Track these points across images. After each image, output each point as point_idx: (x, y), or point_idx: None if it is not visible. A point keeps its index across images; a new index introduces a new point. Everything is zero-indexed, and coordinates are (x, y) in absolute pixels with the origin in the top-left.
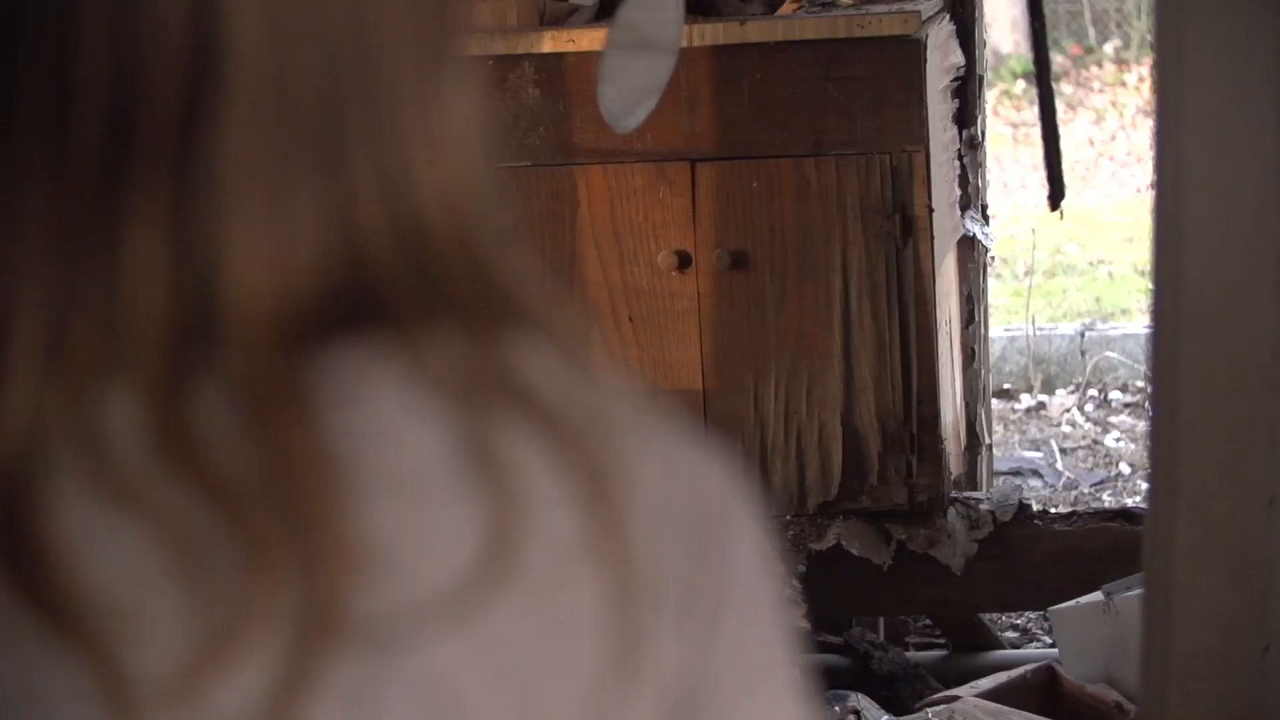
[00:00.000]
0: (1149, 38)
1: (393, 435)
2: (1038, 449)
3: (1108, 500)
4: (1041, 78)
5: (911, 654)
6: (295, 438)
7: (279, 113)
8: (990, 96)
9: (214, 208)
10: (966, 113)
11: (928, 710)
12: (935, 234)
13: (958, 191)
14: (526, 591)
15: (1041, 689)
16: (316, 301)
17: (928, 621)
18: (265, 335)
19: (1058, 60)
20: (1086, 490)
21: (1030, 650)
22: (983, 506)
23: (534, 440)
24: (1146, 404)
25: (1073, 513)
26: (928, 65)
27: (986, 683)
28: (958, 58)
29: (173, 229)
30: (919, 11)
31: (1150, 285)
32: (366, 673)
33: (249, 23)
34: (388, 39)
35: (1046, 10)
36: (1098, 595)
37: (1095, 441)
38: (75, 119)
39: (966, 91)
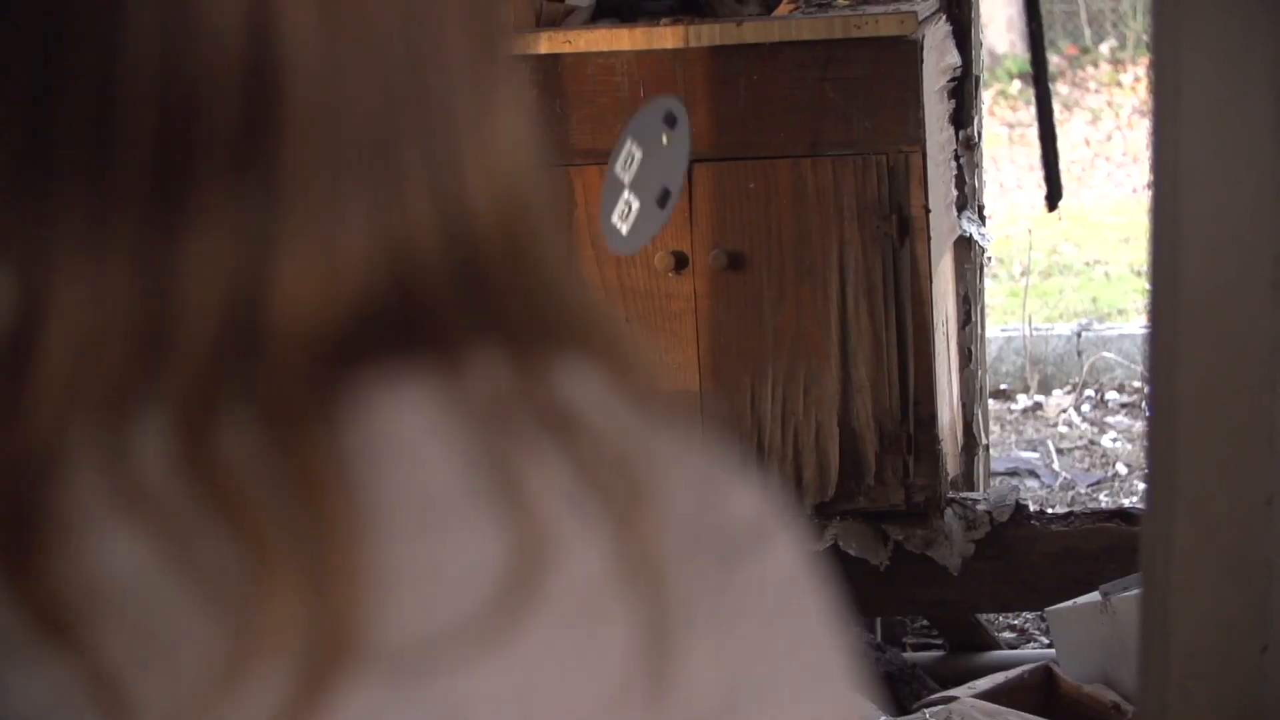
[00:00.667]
0: (1145, 38)
1: (418, 459)
2: (1034, 449)
3: (1104, 501)
4: (1039, 78)
5: (909, 654)
6: (318, 461)
7: (333, 130)
8: (986, 97)
9: (266, 225)
10: (963, 113)
11: (925, 711)
12: (932, 234)
13: (954, 192)
14: (551, 621)
15: (1039, 689)
16: (361, 320)
17: (925, 622)
18: (303, 355)
19: (1053, 60)
20: (1083, 490)
21: (1027, 651)
22: (980, 507)
23: (565, 468)
24: (1143, 404)
25: (1070, 513)
26: (924, 66)
27: (984, 683)
28: (954, 58)
29: (225, 245)
30: (915, 12)
31: (1147, 285)
32: (380, 700)
33: (305, 41)
34: (441, 50)
35: (1042, 10)
36: (1095, 595)
37: (1092, 442)
38: (121, 134)
39: (963, 92)
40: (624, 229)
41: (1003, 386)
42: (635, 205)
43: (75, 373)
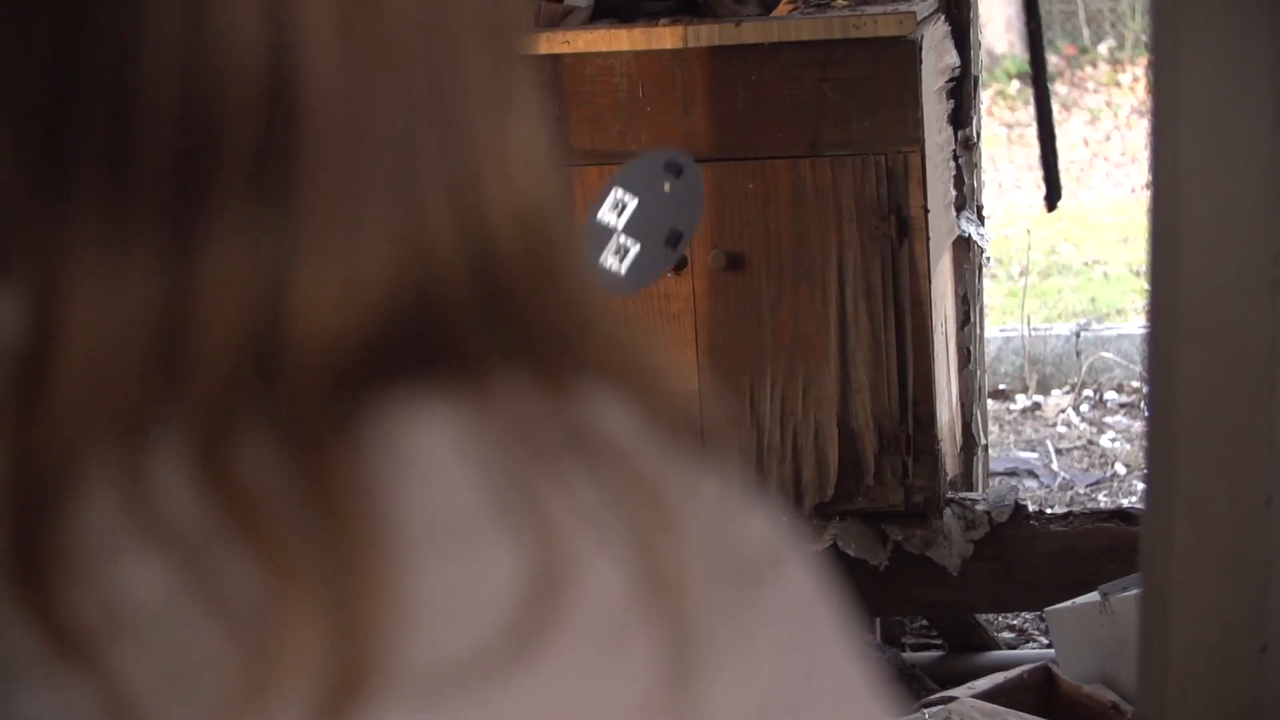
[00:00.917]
0: (1143, 37)
1: (441, 480)
2: (1033, 449)
3: (1103, 501)
4: (1038, 78)
5: (908, 655)
6: (340, 482)
7: (353, 145)
8: (985, 97)
9: (285, 240)
10: (961, 113)
11: (924, 711)
12: (931, 235)
13: (953, 192)
14: (574, 645)
15: (1038, 689)
16: (382, 336)
17: (924, 622)
18: (324, 372)
19: (1052, 60)
20: (1082, 491)
21: (1026, 651)
22: (979, 507)
23: (589, 490)
24: (1142, 404)
25: (1069, 513)
26: (923, 66)
27: (983, 683)
28: (953, 58)
29: (243, 261)
30: (914, 12)
31: (1146, 285)
32: None
33: (325, 57)
34: (460, 65)
35: (1041, 10)
36: (1094, 595)
37: (1091, 442)
38: (138, 150)
39: (961, 92)
40: (621, 269)
41: (1001, 387)
42: (635, 247)
43: (90, 391)
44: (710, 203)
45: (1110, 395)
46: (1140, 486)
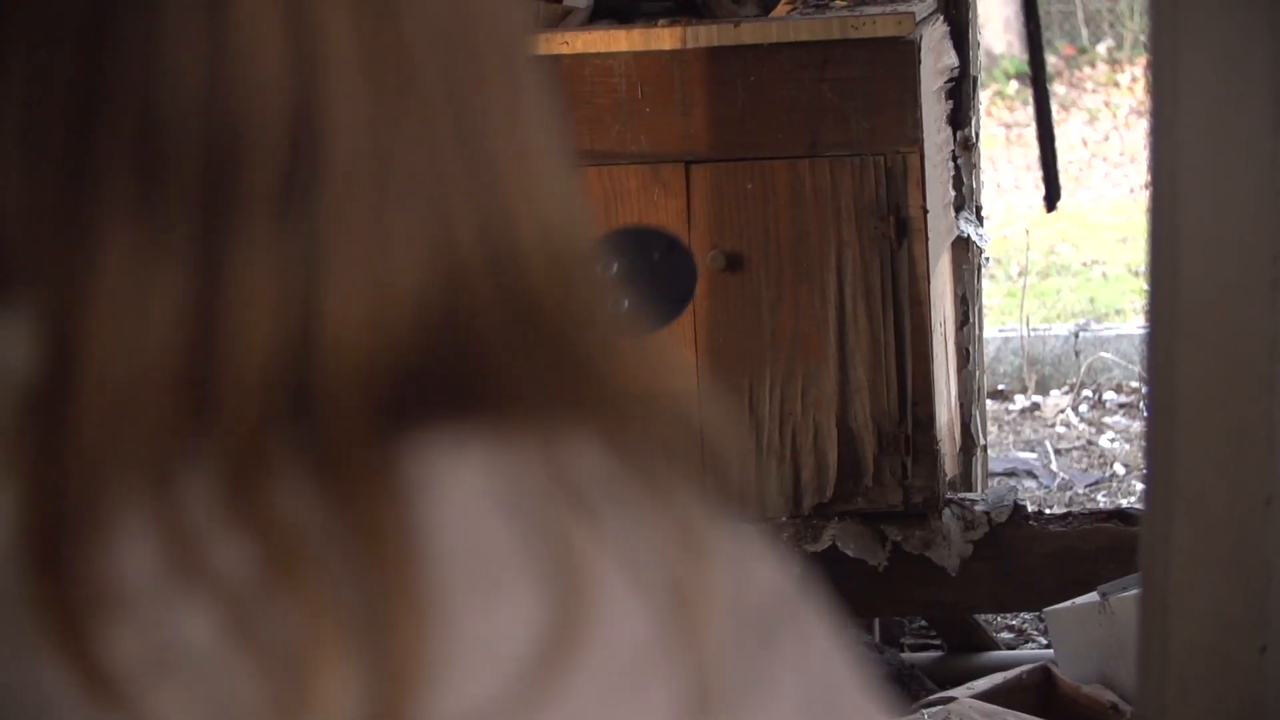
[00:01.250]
0: (1142, 38)
1: (473, 523)
2: (1032, 450)
3: (1102, 501)
4: (1037, 79)
5: (907, 655)
6: (376, 522)
7: (377, 165)
8: (984, 97)
9: (312, 261)
10: (960, 114)
11: (923, 711)
12: (930, 235)
13: (952, 192)
14: (596, 686)
15: (1037, 690)
16: (412, 363)
17: (923, 623)
18: (356, 401)
19: (1051, 61)
20: (1081, 491)
21: (1026, 651)
22: (978, 508)
23: (617, 531)
24: (1142, 404)
25: (1068, 514)
26: (922, 66)
27: (982, 684)
28: (951, 59)
29: (270, 282)
30: (913, 13)
31: (1145, 285)
32: None
33: (349, 85)
34: (480, 76)
35: (1039, 11)
36: (1093, 596)
37: (1090, 442)
38: (163, 178)
39: (960, 92)
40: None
41: (1000, 387)
42: (624, 303)
43: (115, 422)
44: (709, 203)
45: (1109, 395)
46: (1140, 486)
